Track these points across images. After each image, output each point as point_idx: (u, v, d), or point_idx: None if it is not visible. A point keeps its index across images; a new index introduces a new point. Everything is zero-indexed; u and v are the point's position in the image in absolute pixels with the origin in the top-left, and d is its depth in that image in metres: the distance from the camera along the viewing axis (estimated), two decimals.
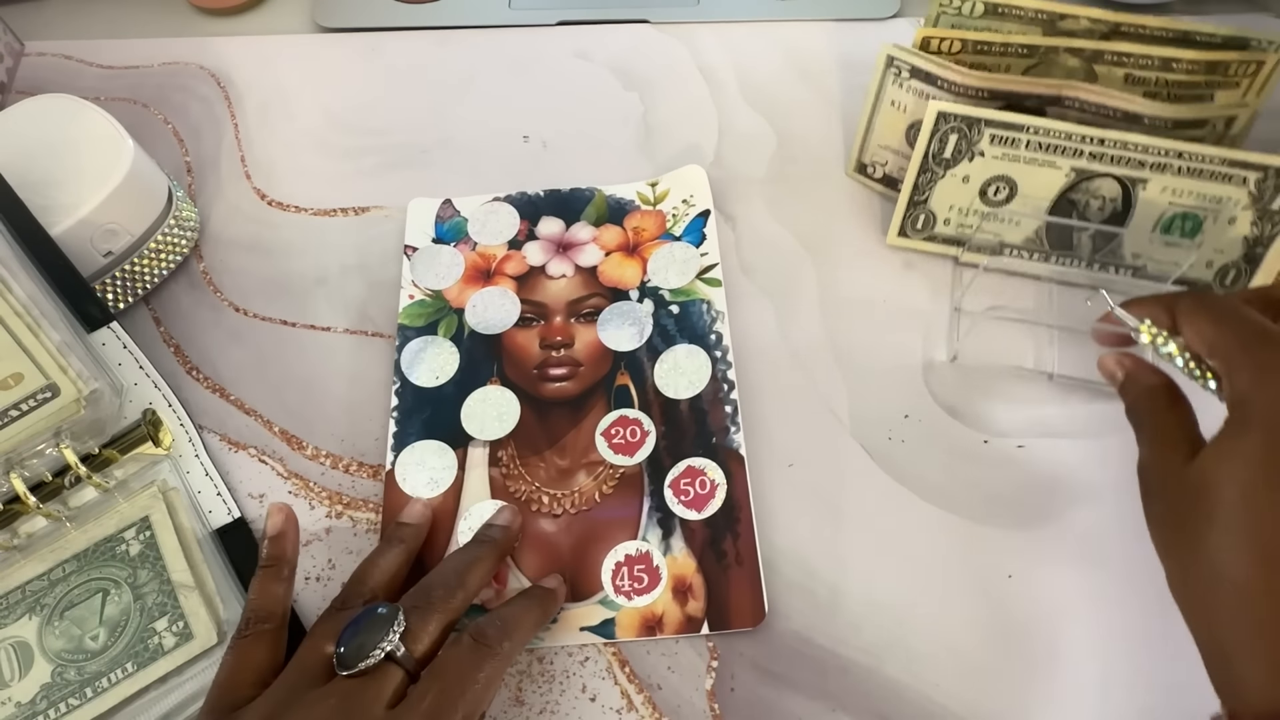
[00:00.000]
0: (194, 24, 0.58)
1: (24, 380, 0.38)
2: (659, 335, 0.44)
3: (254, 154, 0.52)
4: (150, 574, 0.37)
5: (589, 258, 0.47)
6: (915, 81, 0.43)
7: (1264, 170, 0.39)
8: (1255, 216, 0.40)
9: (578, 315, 0.45)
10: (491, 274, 0.46)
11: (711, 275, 0.45)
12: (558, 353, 0.44)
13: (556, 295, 0.45)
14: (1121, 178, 0.41)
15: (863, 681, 0.36)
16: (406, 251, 0.47)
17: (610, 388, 0.43)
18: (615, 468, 0.41)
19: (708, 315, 0.44)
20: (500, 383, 0.43)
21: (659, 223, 0.47)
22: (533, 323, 0.45)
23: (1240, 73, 0.41)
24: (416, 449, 0.42)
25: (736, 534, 0.39)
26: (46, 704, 0.35)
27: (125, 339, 0.43)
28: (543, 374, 0.43)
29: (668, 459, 0.41)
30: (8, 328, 0.39)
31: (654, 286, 0.45)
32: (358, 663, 0.30)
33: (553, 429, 0.42)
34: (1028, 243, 0.44)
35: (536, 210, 0.48)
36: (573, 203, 0.49)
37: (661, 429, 0.41)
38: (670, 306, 0.45)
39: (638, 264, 0.46)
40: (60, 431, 0.38)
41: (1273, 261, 0.41)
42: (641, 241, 0.47)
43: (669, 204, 0.48)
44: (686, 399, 0.42)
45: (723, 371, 0.43)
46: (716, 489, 0.40)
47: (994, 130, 0.41)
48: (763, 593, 0.37)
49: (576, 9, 0.57)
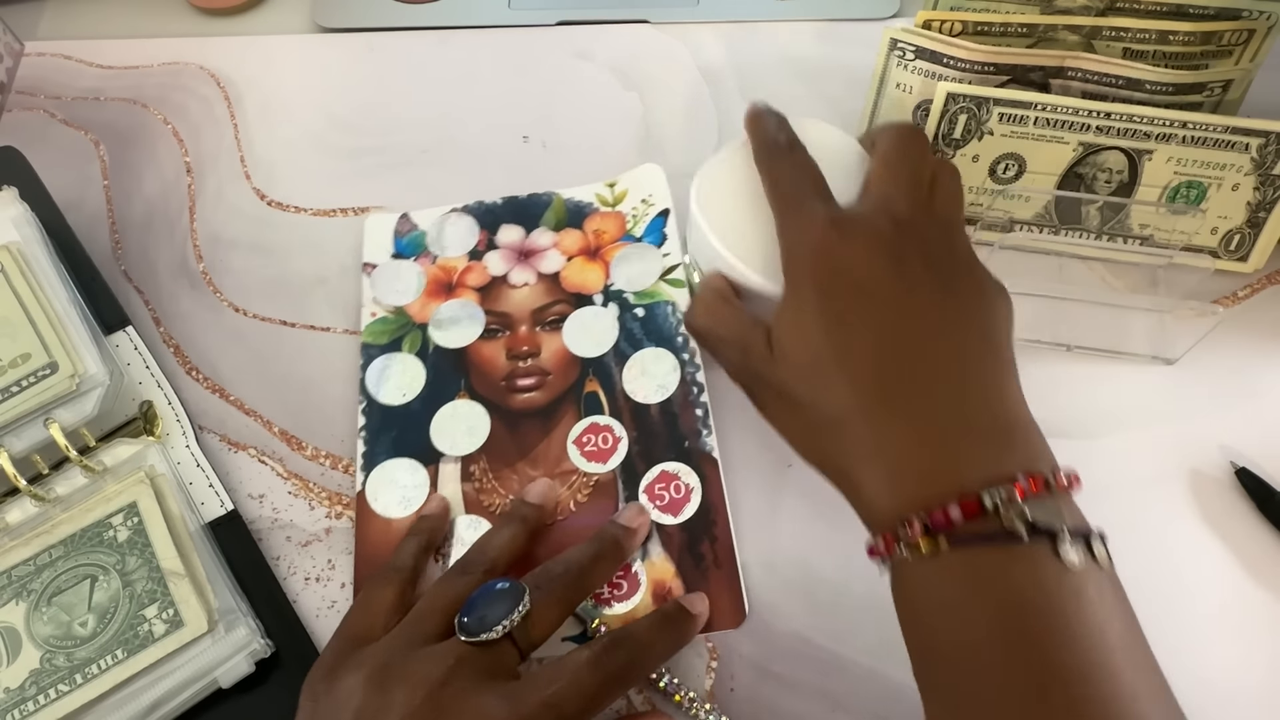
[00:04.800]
0: (194, 24, 0.58)
1: (30, 359, 0.39)
2: (626, 339, 0.43)
3: (254, 154, 0.52)
4: (139, 560, 0.37)
5: (551, 264, 0.46)
6: (920, 62, 0.44)
7: (1265, 136, 0.41)
8: (1257, 182, 0.42)
9: (543, 323, 0.44)
10: (454, 286, 0.46)
11: (675, 276, 0.45)
12: (525, 362, 0.43)
13: (520, 304, 0.45)
14: (1127, 150, 0.42)
15: (863, 681, 0.36)
16: (365, 269, 0.46)
17: (580, 395, 0.42)
18: (589, 475, 0.40)
19: (674, 317, 0.44)
20: (469, 396, 0.42)
21: (619, 224, 0.47)
22: (498, 333, 0.44)
23: (1233, 41, 0.43)
24: (387, 468, 0.41)
25: (714, 537, 0.39)
26: (36, 690, 0.34)
27: (137, 341, 0.44)
28: (511, 385, 0.43)
29: (641, 464, 0.40)
30: (28, 314, 0.40)
31: (618, 290, 0.45)
32: (480, 633, 0.31)
33: (524, 440, 0.41)
34: (1037, 218, 0.45)
35: (496, 219, 0.48)
36: (531, 209, 0.48)
37: (633, 434, 0.41)
38: (635, 309, 0.44)
39: (600, 267, 0.46)
40: (49, 407, 0.39)
41: (1275, 225, 0.43)
42: (603, 244, 0.46)
43: (628, 204, 0.48)
44: (657, 403, 0.42)
45: (692, 374, 0.42)
46: (691, 493, 0.39)
47: (1003, 109, 0.42)
48: (742, 593, 0.37)
49: (576, 9, 0.57)
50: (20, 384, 0.39)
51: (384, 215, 0.48)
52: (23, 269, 0.41)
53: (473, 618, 0.31)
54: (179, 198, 0.51)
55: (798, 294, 0.32)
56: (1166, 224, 0.44)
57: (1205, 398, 0.42)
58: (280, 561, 0.39)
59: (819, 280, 0.32)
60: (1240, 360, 0.43)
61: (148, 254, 0.49)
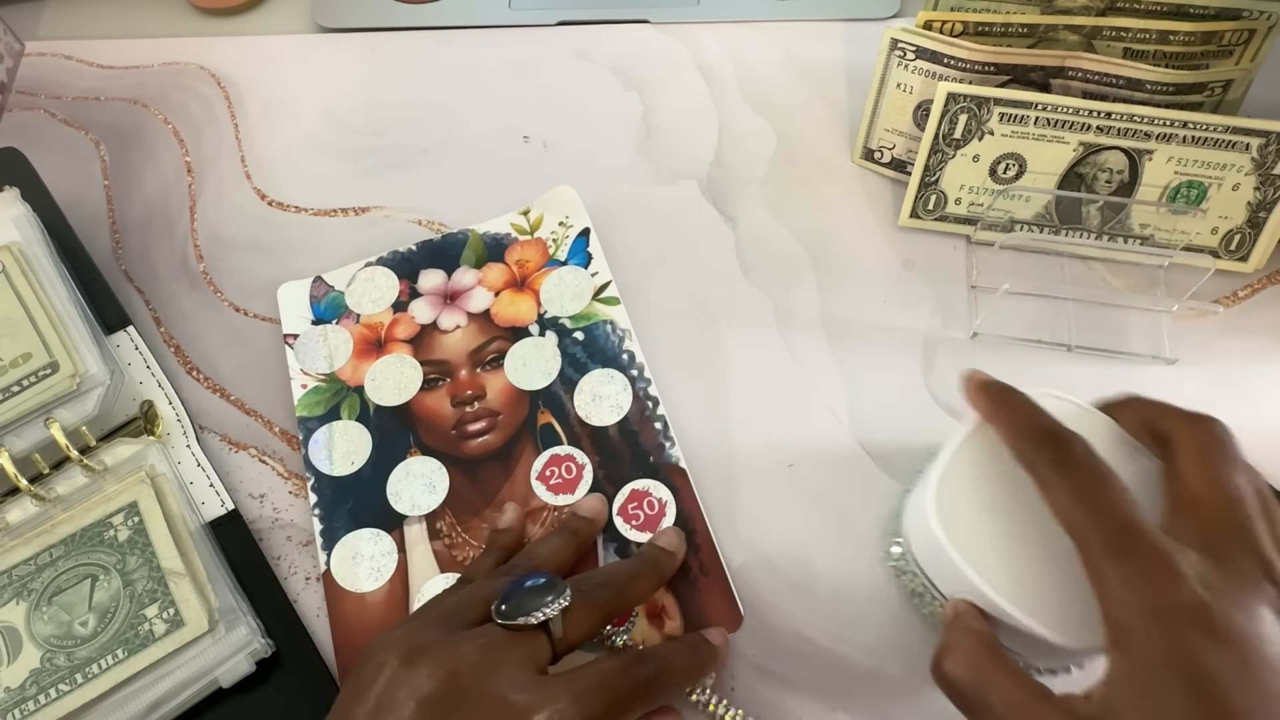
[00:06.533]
0: (194, 24, 0.58)
1: (31, 359, 0.39)
2: (570, 365, 0.43)
3: (254, 154, 0.52)
4: (140, 560, 0.37)
5: (479, 302, 0.45)
6: (920, 62, 0.44)
7: (1266, 136, 0.41)
8: (1258, 182, 0.42)
9: (482, 363, 0.43)
10: (383, 343, 0.44)
11: (607, 294, 0.44)
12: (471, 407, 0.42)
13: (455, 348, 0.44)
14: (1128, 150, 0.42)
15: (863, 681, 0.36)
16: (288, 340, 0.44)
17: (535, 429, 0.41)
18: (559, 508, 0.40)
19: (614, 335, 0.43)
20: (420, 452, 0.41)
21: (541, 251, 0.46)
22: (438, 382, 0.43)
23: (1234, 41, 0.43)
24: (348, 542, 0.39)
25: (696, 545, 0.38)
26: (36, 689, 0.34)
27: (138, 341, 0.44)
28: (461, 433, 0.42)
29: (610, 487, 0.40)
30: (30, 314, 0.40)
31: (552, 317, 0.44)
32: (516, 617, 0.31)
33: (486, 486, 0.40)
34: (1038, 218, 0.45)
35: (413, 266, 0.46)
36: (448, 249, 0.47)
37: (596, 459, 0.40)
38: (574, 334, 0.43)
39: (530, 297, 0.45)
40: (50, 406, 0.39)
41: (1275, 224, 0.43)
42: (529, 273, 0.45)
43: (546, 229, 0.47)
44: (614, 423, 0.41)
45: (643, 389, 0.42)
46: (665, 506, 0.39)
47: (1003, 109, 0.42)
48: (734, 596, 0.37)
49: (576, 9, 0.57)
50: (21, 383, 0.39)
51: (295, 284, 0.46)
52: (24, 269, 0.41)
53: (510, 603, 0.31)
54: (179, 198, 0.51)
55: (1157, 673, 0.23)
56: (1167, 224, 0.44)
57: (1205, 398, 0.42)
58: (281, 561, 0.39)
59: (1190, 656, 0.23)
60: (1240, 360, 0.43)
61: (148, 254, 0.49)
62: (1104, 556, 0.25)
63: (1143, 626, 0.24)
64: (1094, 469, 0.27)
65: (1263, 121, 0.41)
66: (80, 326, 0.41)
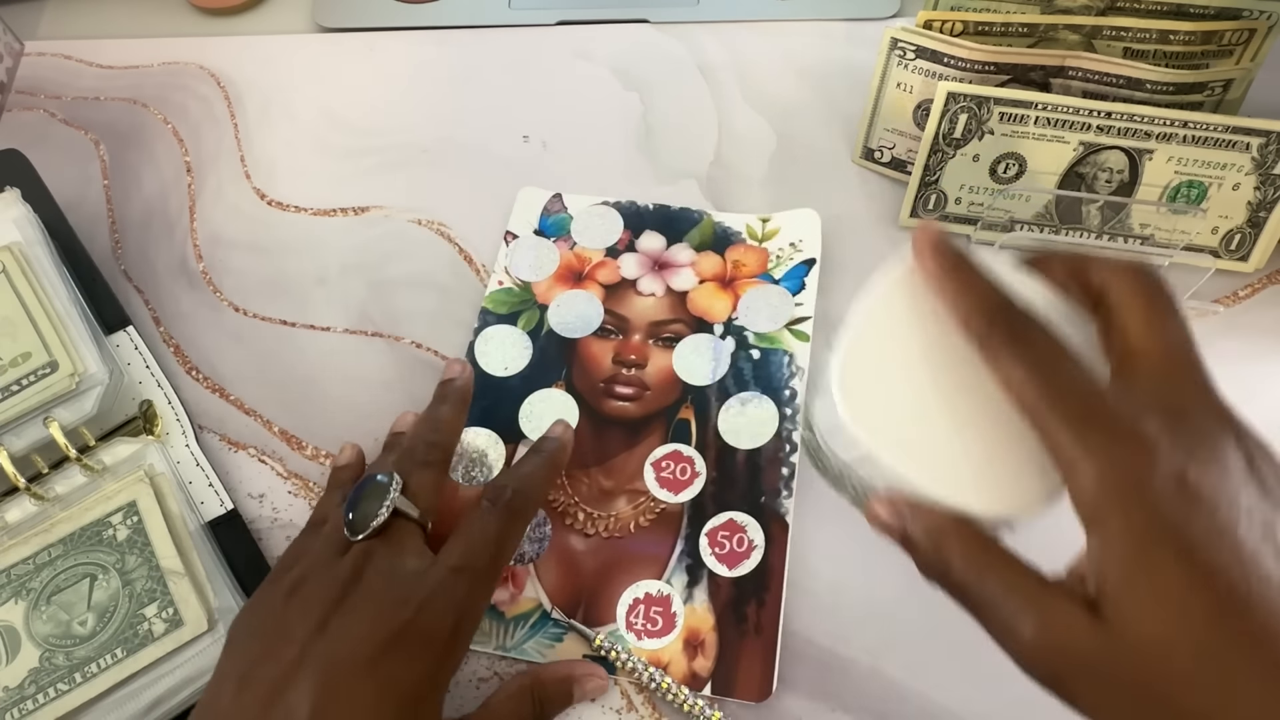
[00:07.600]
0: (194, 24, 0.58)
1: (30, 358, 0.39)
2: (733, 377, 0.42)
3: (254, 154, 0.52)
4: (139, 559, 0.37)
5: (682, 282, 0.45)
6: (921, 61, 0.44)
7: (1266, 136, 0.41)
8: (1258, 181, 0.42)
9: (657, 338, 0.44)
10: (583, 277, 0.46)
11: (801, 328, 0.43)
12: (629, 371, 0.43)
13: (641, 313, 0.44)
14: (1128, 149, 0.42)
15: (863, 681, 0.36)
16: (506, 238, 0.47)
17: (672, 419, 0.41)
18: (657, 501, 0.39)
19: (788, 369, 0.42)
20: (565, 388, 0.42)
21: (761, 261, 0.46)
22: (611, 335, 0.44)
23: (1234, 40, 0.43)
24: (468, 435, 0.41)
25: (763, 601, 0.37)
26: (35, 689, 0.34)
27: (138, 341, 0.44)
28: (609, 389, 0.42)
29: (712, 506, 0.39)
30: (29, 313, 0.40)
31: (740, 325, 0.44)
32: (368, 525, 0.32)
33: (605, 447, 0.41)
34: (1038, 218, 0.45)
35: (642, 222, 0.47)
36: (678, 222, 0.47)
37: (713, 474, 0.40)
38: (751, 350, 0.43)
39: (729, 298, 0.45)
40: (49, 406, 0.39)
41: (1275, 224, 0.43)
42: (739, 276, 0.45)
43: (775, 243, 0.46)
44: (746, 450, 0.40)
45: (789, 431, 0.40)
46: (754, 550, 0.38)
47: (1003, 108, 0.42)
48: (774, 668, 0.36)
49: (576, 9, 0.57)
50: (20, 383, 0.39)
51: (536, 190, 0.49)
52: (24, 269, 0.41)
53: (355, 514, 0.32)
54: (179, 198, 0.51)
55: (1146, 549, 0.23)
56: (1167, 223, 0.44)
57: None
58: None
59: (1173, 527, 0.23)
60: (1240, 360, 0.43)
61: (148, 254, 0.49)
62: (1069, 436, 0.24)
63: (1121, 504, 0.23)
64: (1050, 347, 0.25)
65: (1263, 121, 0.41)
66: (80, 326, 0.41)
